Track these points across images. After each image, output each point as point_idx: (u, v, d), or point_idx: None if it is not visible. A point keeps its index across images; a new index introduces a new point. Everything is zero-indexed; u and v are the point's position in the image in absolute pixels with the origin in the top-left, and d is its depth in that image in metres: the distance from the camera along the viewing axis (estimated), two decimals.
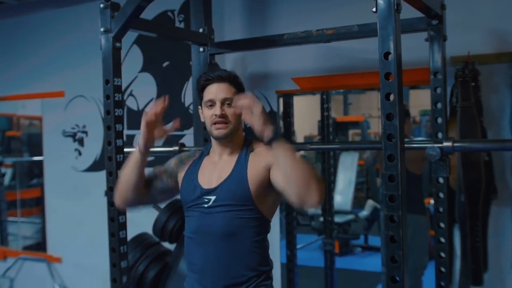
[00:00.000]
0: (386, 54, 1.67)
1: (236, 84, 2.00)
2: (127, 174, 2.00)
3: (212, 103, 1.96)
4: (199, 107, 2.05)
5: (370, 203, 6.08)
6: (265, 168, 1.91)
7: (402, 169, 1.69)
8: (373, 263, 5.56)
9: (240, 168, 1.95)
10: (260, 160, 1.94)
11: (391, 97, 1.68)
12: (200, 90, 2.01)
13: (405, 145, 1.73)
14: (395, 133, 1.68)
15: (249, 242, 1.93)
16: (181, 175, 2.08)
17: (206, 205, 1.95)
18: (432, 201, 4.61)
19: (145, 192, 2.05)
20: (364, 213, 6.02)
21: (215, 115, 1.94)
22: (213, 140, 2.05)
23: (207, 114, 1.98)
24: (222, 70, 2.01)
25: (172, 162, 2.13)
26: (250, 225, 1.92)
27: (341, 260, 4.95)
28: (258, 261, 1.95)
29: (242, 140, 2.05)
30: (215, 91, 1.96)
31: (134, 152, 1.99)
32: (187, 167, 2.08)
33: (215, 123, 1.95)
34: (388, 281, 1.70)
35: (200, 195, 1.96)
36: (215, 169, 2.00)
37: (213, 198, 1.94)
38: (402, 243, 1.69)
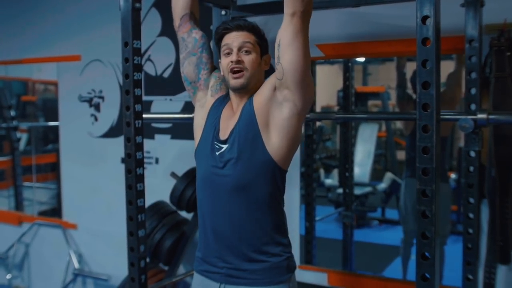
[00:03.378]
0: (424, 18, 1.58)
1: (256, 32, 1.91)
2: None
3: (229, 50, 1.88)
4: (219, 60, 1.96)
5: (388, 175, 5.99)
6: (269, 90, 1.84)
7: (437, 141, 1.60)
8: (390, 236, 5.50)
9: (247, 108, 1.88)
10: (263, 89, 1.87)
11: (428, 64, 1.59)
12: (218, 40, 1.94)
13: None
14: (431, 103, 1.59)
15: (264, 195, 1.84)
16: (210, 100, 2.03)
17: (217, 152, 1.89)
18: (452, 175, 4.53)
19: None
20: (382, 185, 5.93)
21: (231, 61, 1.86)
22: (230, 92, 1.96)
23: (224, 63, 1.90)
24: (241, 20, 1.92)
25: (212, 79, 2.07)
26: (264, 173, 1.83)
27: (357, 233, 4.88)
28: (274, 223, 1.88)
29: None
30: (233, 37, 1.88)
31: None
32: (215, 98, 2.03)
33: (232, 72, 1.86)
34: (418, 258, 1.63)
35: (214, 142, 1.92)
36: (230, 121, 1.92)
37: (224, 147, 1.88)
38: (434, 219, 1.61)
